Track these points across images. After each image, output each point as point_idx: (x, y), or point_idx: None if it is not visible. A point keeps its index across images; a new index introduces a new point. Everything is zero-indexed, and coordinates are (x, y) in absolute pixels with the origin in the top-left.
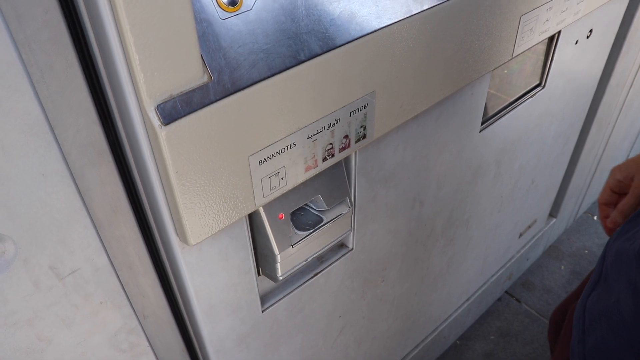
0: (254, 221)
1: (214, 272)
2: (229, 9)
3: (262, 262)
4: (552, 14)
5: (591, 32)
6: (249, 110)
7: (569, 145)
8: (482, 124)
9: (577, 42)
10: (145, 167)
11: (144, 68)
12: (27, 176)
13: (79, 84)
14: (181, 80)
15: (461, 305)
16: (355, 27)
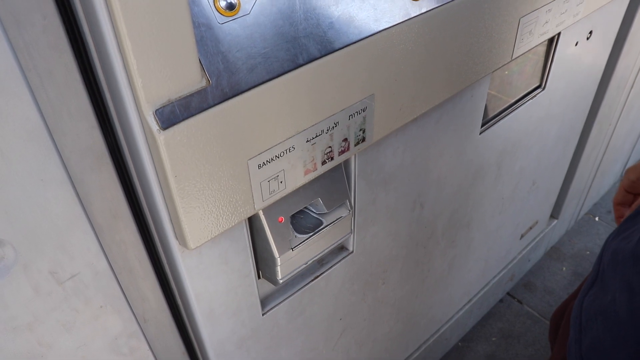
0: (253, 224)
1: (214, 276)
2: (227, 13)
3: (262, 266)
4: (552, 15)
5: (591, 34)
6: (247, 114)
7: (570, 147)
8: (482, 126)
9: (577, 43)
10: (145, 172)
11: (142, 73)
12: (26, 181)
13: (78, 90)
14: (179, 85)
15: (463, 307)
16: (353, 31)
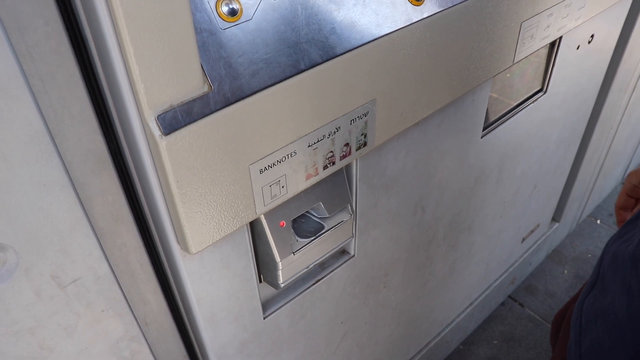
0: (255, 229)
1: (216, 280)
2: (229, 19)
3: (263, 270)
4: (553, 20)
5: (593, 38)
6: (249, 119)
7: (572, 150)
8: (483, 130)
9: (578, 47)
10: (146, 176)
11: (145, 78)
12: (28, 186)
13: (80, 94)
14: (181, 91)
15: (464, 310)
16: (355, 36)
